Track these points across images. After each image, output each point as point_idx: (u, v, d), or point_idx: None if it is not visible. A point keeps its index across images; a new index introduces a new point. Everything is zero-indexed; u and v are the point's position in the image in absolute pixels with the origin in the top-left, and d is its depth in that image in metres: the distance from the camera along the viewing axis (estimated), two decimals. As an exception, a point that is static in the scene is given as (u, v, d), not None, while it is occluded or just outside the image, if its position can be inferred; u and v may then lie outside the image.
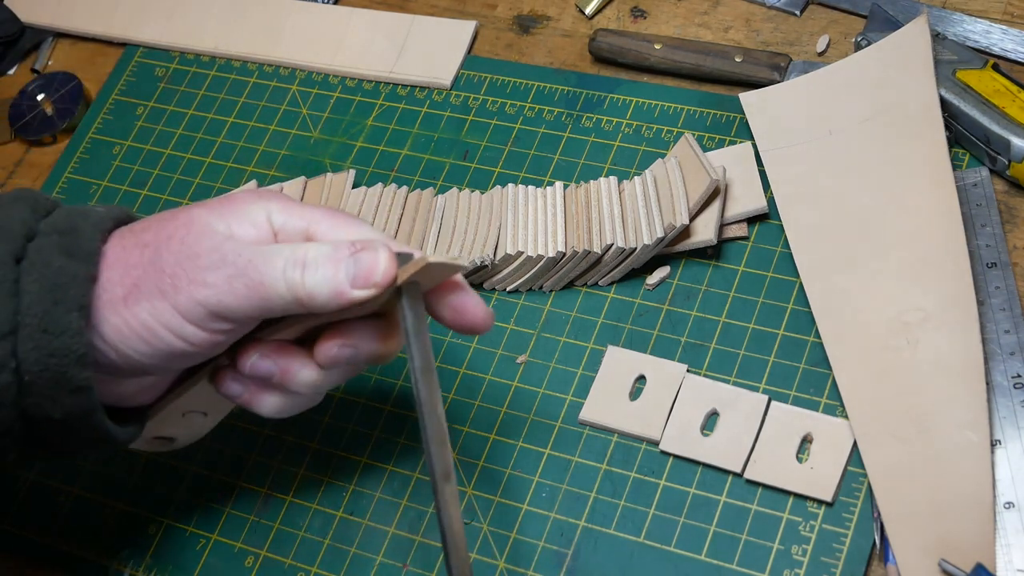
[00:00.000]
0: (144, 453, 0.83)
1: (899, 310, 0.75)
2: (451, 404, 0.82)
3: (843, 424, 0.74)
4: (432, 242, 0.85)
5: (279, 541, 0.80)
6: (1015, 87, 0.80)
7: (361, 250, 0.65)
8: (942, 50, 0.82)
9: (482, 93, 0.94)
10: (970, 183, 0.80)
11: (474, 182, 0.91)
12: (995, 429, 0.71)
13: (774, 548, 0.72)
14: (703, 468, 0.75)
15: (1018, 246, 0.78)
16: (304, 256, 0.65)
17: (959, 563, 0.67)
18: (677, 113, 0.89)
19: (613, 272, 0.82)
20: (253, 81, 1.01)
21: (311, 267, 0.65)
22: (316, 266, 0.65)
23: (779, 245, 0.82)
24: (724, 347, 0.79)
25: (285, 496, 0.81)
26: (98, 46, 1.08)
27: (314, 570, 0.79)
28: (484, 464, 0.79)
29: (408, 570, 0.77)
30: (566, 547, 0.75)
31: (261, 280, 0.64)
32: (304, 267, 0.65)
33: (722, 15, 0.93)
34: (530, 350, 0.82)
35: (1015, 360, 0.73)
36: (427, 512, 0.78)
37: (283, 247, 0.66)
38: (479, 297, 0.69)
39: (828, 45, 0.89)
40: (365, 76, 0.98)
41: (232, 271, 0.64)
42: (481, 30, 0.98)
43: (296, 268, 0.65)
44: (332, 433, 0.83)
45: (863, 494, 0.72)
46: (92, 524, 0.83)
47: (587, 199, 0.83)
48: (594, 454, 0.78)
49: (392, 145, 0.94)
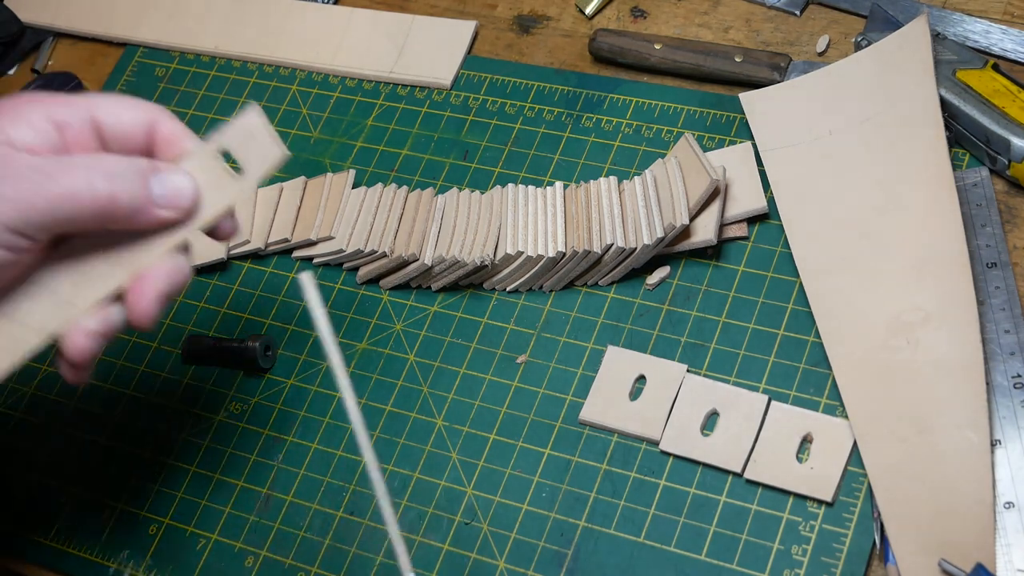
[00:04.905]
0: (146, 452, 0.83)
1: (899, 310, 0.75)
2: (451, 404, 0.82)
3: (843, 424, 0.74)
4: (432, 242, 0.85)
5: (279, 541, 0.80)
6: (1015, 87, 0.80)
7: (165, 171, 0.67)
8: (942, 50, 0.82)
9: (482, 93, 0.94)
10: (970, 183, 0.80)
11: (474, 182, 0.91)
12: (995, 429, 0.71)
13: (774, 548, 0.72)
14: (703, 468, 0.75)
15: (1018, 246, 0.78)
16: (110, 167, 0.65)
17: (959, 563, 0.67)
18: (677, 113, 0.89)
19: (613, 272, 0.82)
20: (253, 81, 1.01)
21: (118, 179, 0.65)
22: (124, 180, 0.65)
23: (779, 245, 0.82)
24: (724, 347, 0.79)
25: (285, 496, 0.81)
26: (98, 46, 1.08)
27: (314, 570, 0.79)
28: (484, 464, 0.79)
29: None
30: (566, 547, 0.75)
31: (61, 192, 0.64)
32: (111, 178, 0.64)
33: (722, 15, 0.93)
34: (530, 350, 0.82)
35: (1015, 360, 0.73)
36: (427, 512, 0.78)
37: (82, 158, 0.66)
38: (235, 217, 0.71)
39: (828, 45, 0.89)
40: (365, 76, 0.98)
41: (30, 185, 0.63)
42: (481, 30, 0.98)
43: (102, 179, 0.64)
44: (332, 433, 0.83)
45: (863, 494, 0.72)
46: (92, 524, 0.83)
47: (587, 199, 0.83)
48: (594, 454, 0.78)
49: (392, 145, 0.94)
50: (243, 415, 0.85)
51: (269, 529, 0.80)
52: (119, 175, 0.65)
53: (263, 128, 0.69)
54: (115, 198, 0.65)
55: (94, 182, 0.64)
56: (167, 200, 0.66)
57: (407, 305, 0.87)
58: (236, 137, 0.68)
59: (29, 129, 0.65)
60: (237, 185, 0.69)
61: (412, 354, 0.85)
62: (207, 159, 0.68)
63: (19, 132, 0.65)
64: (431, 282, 0.86)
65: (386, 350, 0.85)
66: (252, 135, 0.68)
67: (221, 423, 0.85)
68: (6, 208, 0.63)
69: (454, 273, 0.84)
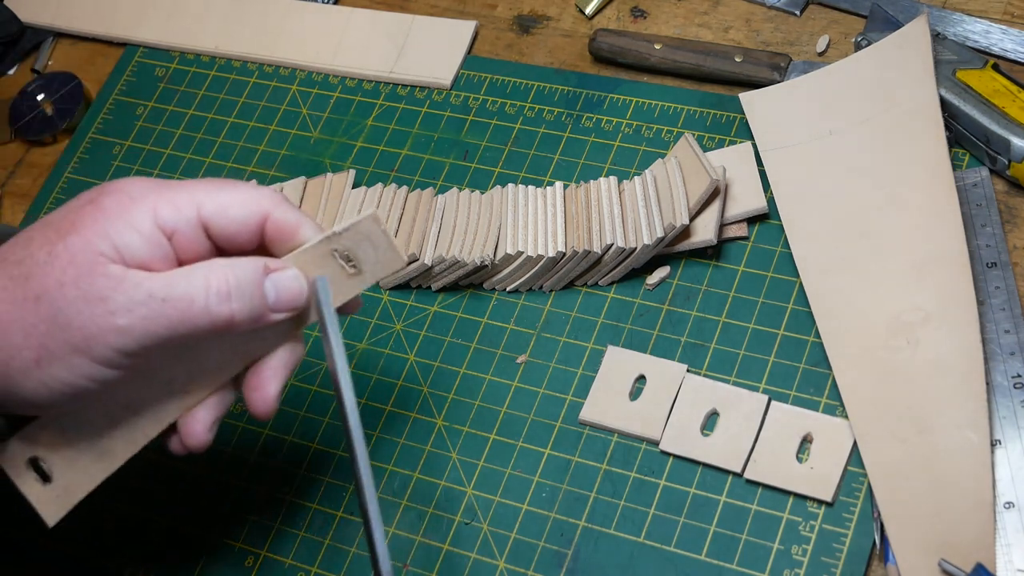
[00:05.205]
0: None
1: (899, 310, 0.75)
2: (451, 404, 0.82)
3: (843, 424, 0.74)
4: (432, 242, 0.85)
5: (279, 541, 0.80)
6: (1015, 87, 0.80)
7: (275, 270, 0.65)
8: (942, 50, 0.82)
9: (482, 93, 0.94)
10: (970, 183, 0.80)
11: (474, 182, 0.91)
12: (995, 429, 0.71)
13: (774, 548, 0.72)
14: (703, 468, 0.75)
15: (1018, 246, 0.78)
16: (227, 287, 0.63)
17: (959, 563, 0.67)
18: (677, 113, 0.89)
19: (613, 272, 0.82)
20: (253, 81, 1.01)
21: (236, 295, 0.63)
22: (241, 297, 0.63)
23: (779, 245, 0.82)
24: (724, 347, 0.79)
25: (285, 496, 0.81)
26: (98, 46, 1.08)
27: (314, 570, 0.79)
28: (484, 464, 0.79)
29: (408, 570, 0.77)
30: (566, 547, 0.75)
31: (181, 317, 0.62)
32: (230, 298, 0.63)
33: (722, 15, 0.93)
34: (530, 350, 0.82)
35: (1015, 360, 0.73)
36: (427, 512, 0.78)
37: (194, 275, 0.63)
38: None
39: (828, 45, 0.89)
40: (365, 76, 0.98)
41: (146, 312, 0.61)
42: (481, 30, 0.98)
43: (221, 302, 0.63)
44: (332, 433, 0.83)
45: (863, 494, 0.72)
46: (92, 524, 0.83)
47: (587, 199, 0.83)
48: (594, 454, 0.78)
49: (392, 145, 0.94)
50: (243, 415, 0.85)
51: (269, 529, 0.80)
52: (236, 294, 0.63)
53: (382, 236, 0.67)
54: (233, 317, 0.63)
55: (211, 307, 0.63)
56: (282, 304, 0.65)
57: (407, 305, 0.87)
58: (353, 239, 0.67)
59: (138, 237, 0.62)
60: (352, 283, 0.67)
61: (412, 354, 0.85)
62: (322, 256, 0.67)
63: (127, 240, 0.62)
64: (431, 282, 0.86)
65: (386, 350, 0.85)
66: (370, 241, 0.67)
67: (221, 423, 0.85)
68: (126, 340, 0.61)
69: (454, 273, 0.84)
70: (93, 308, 0.61)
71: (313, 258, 0.67)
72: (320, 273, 0.66)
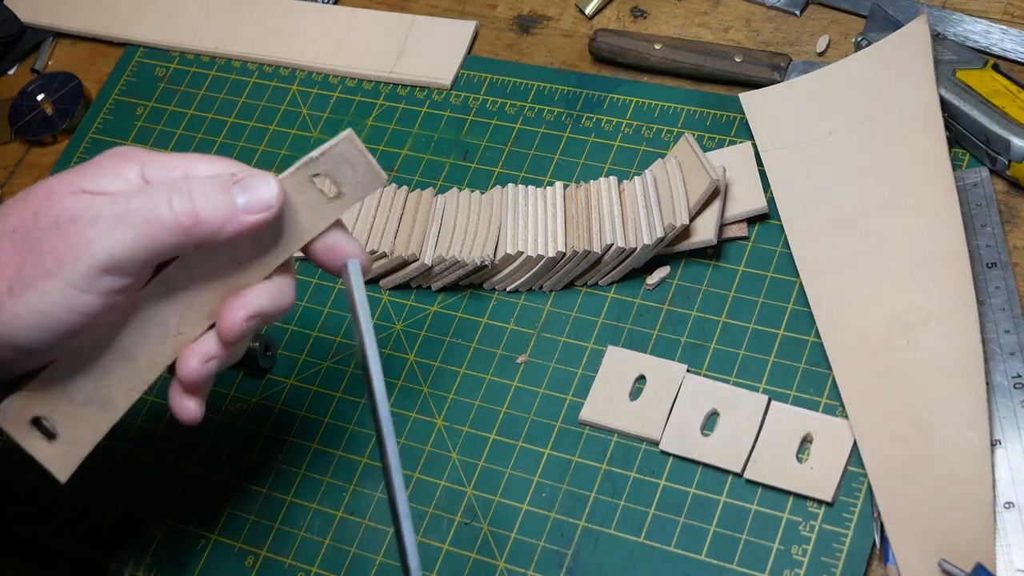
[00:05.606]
0: (143, 454, 0.83)
1: (899, 310, 0.75)
2: (451, 404, 0.82)
3: (843, 424, 0.74)
4: (432, 242, 0.85)
5: (279, 541, 0.80)
6: (1015, 87, 0.80)
7: (245, 177, 0.65)
8: (942, 50, 0.82)
9: (482, 93, 0.94)
10: (970, 183, 0.80)
11: (474, 182, 0.91)
12: (995, 429, 0.71)
13: (774, 548, 0.72)
14: (703, 468, 0.75)
15: (1018, 246, 0.78)
16: (189, 186, 0.63)
17: (959, 563, 0.67)
18: (677, 113, 0.89)
19: (613, 272, 0.82)
20: (253, 81, 1.01)
21: (198, 193, 0.63)
22: (204, 192, 0.63)
23: (779, 245, 0.82)
24: (724, 347, 0.79)
25: (285, 496, 0.81)
26: (98, 46, 1.08)
27: (314, 570, 0.79)
28: (484, 464, 0.79)
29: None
30: (566, 547, 0.75)
31: (145, 217, 0.62)
32: (191, 194, 0.63)
33: (722, 15, 0.93)
34: (530, 350, 0.82)
35: (1015, 360, 0.73)
36: (427, 512, 0.78)
37: (161, 183, 0.64)
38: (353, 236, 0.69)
39: (828, 45, 0.89)
40: (365, 76, 0.98)
41: (112, 220, 0.62)
42: (481, 30, 0.98)
43: (183, 197, 0.63)
44: (332, 433, 0.83)
45: (863, 494, 0.72)
46: (92, 524, 0.83)
47: (587, 199, 0.83)
48: (594, 454, 0.78)
49: (392, 145, 0.94)
50: (243, 415, 0.85)
51: (269, 529, 0.80)
52: (198, 191, 0.63)
53: (360, 156, 0.67)
54: (198, 214, 0.63)
55: (174, 203, 0.63)
56: (254, 204, 0.64)
57: (407, 305, 0.87)
58: (331, 162, 0.66)
59: (123, 183, 0.64)
60: (334, 206, 0.67)
61: (412, 354, 0.85)
62: (299, 182, 0.66)
63: (113, 186, 0.64)
64: (431, 282, 0.86)
65: (386, 350, 0.85)
66: (349, 162, 0.67)
67: (221, 423, 0.85)
68: (95, 251, 0.61)
69: (454, 273, 0.84)
70: (64, 230, 0.62)
71: (292, 185, 0.66)
72: (300, 200, 0.66)
